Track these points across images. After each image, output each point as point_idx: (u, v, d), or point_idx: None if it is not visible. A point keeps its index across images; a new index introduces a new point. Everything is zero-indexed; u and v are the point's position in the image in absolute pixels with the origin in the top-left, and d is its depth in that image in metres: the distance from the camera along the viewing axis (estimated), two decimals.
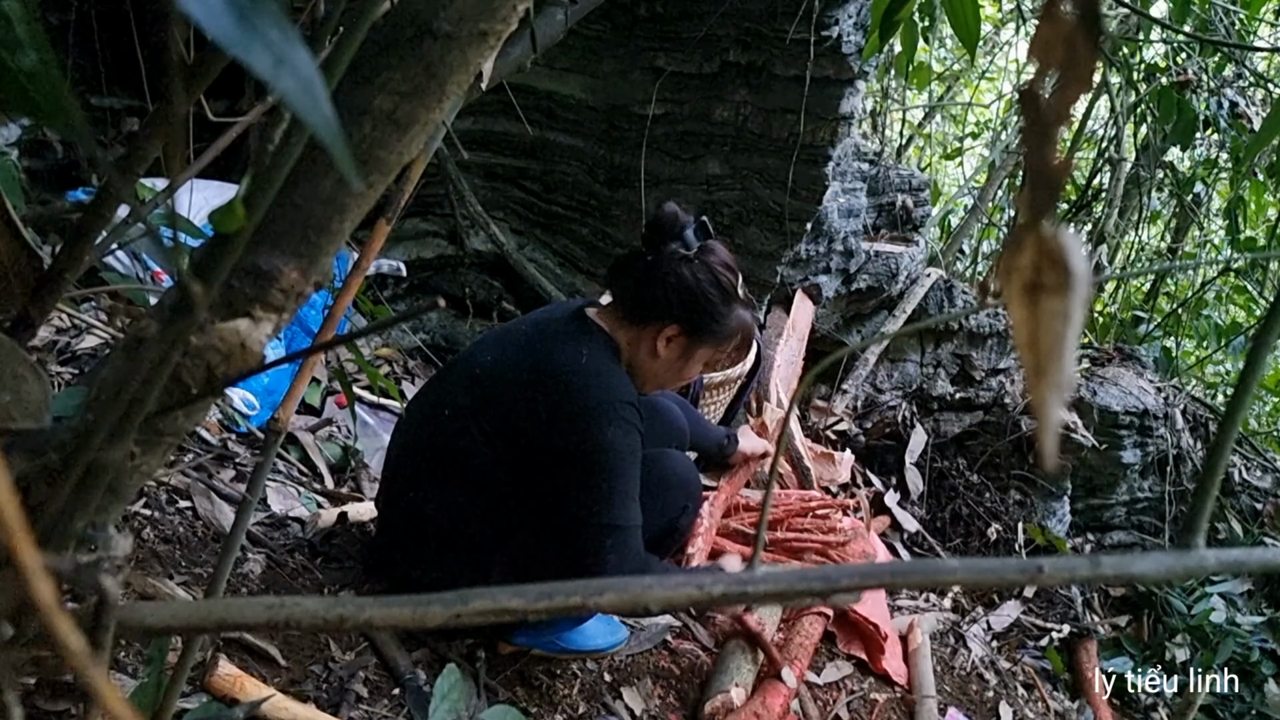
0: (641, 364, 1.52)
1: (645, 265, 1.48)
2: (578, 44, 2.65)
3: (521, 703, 1.57)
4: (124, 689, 1.13)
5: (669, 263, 1.46)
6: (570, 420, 1.40)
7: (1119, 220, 4.78)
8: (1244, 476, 3.55)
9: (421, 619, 0.45)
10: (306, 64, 0.31)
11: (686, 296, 1.46)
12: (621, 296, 1.52)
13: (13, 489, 0.25)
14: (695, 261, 1.47)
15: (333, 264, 0.56)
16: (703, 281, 1.46)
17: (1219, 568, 0.44)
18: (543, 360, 1.44)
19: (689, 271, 1.46)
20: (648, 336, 1.50)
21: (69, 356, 1.78)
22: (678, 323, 1.48)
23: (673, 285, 1.46)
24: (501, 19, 0.53)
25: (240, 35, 0.29)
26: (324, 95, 0.31)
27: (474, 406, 1.48)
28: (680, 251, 1.47)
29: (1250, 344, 0.45)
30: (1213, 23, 3.19)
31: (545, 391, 1.42)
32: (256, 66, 0.30)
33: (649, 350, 1.51)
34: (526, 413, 1.43)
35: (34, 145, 2.28)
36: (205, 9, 0.29)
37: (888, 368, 3.40)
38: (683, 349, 1.51)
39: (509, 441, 1.46)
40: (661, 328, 1.48)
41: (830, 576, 0.43)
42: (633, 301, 1.50)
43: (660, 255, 1.47)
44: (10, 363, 0.59)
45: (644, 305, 1.49)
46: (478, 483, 1.50)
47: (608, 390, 1.40)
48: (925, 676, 2.11)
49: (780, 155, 2.71)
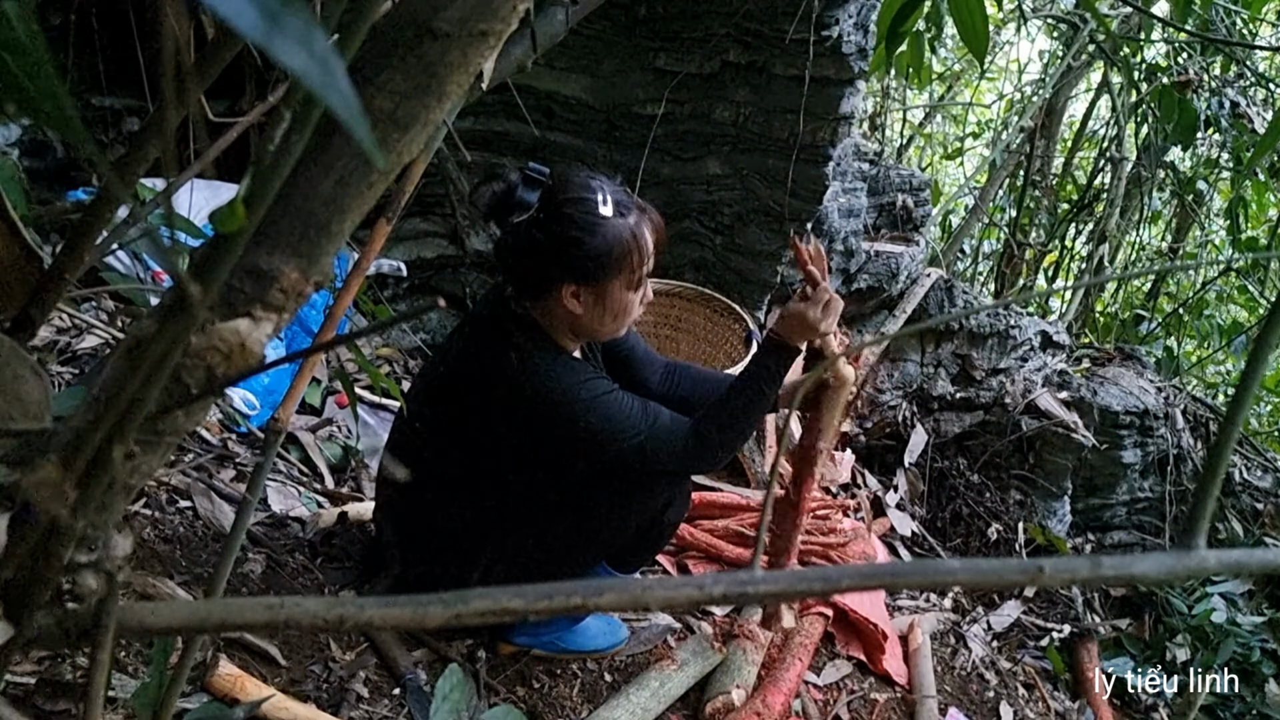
0: (572, 325, 1.45)
1: (506, 249, 1.40)
2: (578, 44, 2.65)
3: (522, 703, 1.57)
4: (124, 689, 1.14)
5: (520, 234, 1.37)
6: (542, 428, 1.42)
7: (1120, 220, 4.78)
8: (1245, 477, 3.55)
9: (421, 619, 0.45)
10: (322, 42, 0.31)
11: (555, 256, 1.36)
12: (512, 283, 1.45)
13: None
14: (542, 218, 1.36)
15: (333, 264, 0.56)
16: (556, 231, 1.35)
17: (1220, 568, 0.44)
18: (481, 371, 1.42)
19: (541, 232, 1.35)
20: (555, 304, 1.41)
21: (69, 356, 1.78)
22: (565, 281, 1.38)
23: (538, 253, 1.36)
24: (502, 19, 0.53)
25: (262, 23, 0.29)
26: (341, 71, 0.31)
27: (437, 418, 1.49)
28: (524, 219, 1.37)
29: (1252, 344, 0.45)
30: (1214, 22, 3.19)
31: (495, 405, 1.42)
32: (279, 52, 0.29)
33: (566, 314, 1.42)
34: (487, 419, 1.44)
35: (34, 145, 2.28)
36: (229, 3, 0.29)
37: (888, 367, 3.40)
38: (594, 295, 1.40)
39: (480, 449, 1.48)
40: (560, 291, 1.39)
41: (830, 577, 0.43)
42: (521, 283, 1.43)
43: (510, 233, 1.39)
44: (10, 363, 0.59)
45: (530, 282, 1.42)
46: (460, 477, 1.52)
47: (551, 391, 1.39)
48: (925, 676, 2.11)
49: (780, 155, 2.71)
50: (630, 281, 1.41)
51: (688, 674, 1.72)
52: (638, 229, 1.38)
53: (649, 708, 1.60)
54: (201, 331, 0.48)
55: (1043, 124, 4.80)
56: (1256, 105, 3.78)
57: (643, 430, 1.42)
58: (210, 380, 0.49)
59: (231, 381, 0.51)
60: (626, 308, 1.44)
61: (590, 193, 1.36)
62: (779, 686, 1.74)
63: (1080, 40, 4.03)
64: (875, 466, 3.15)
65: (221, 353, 0.49)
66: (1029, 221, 5.29)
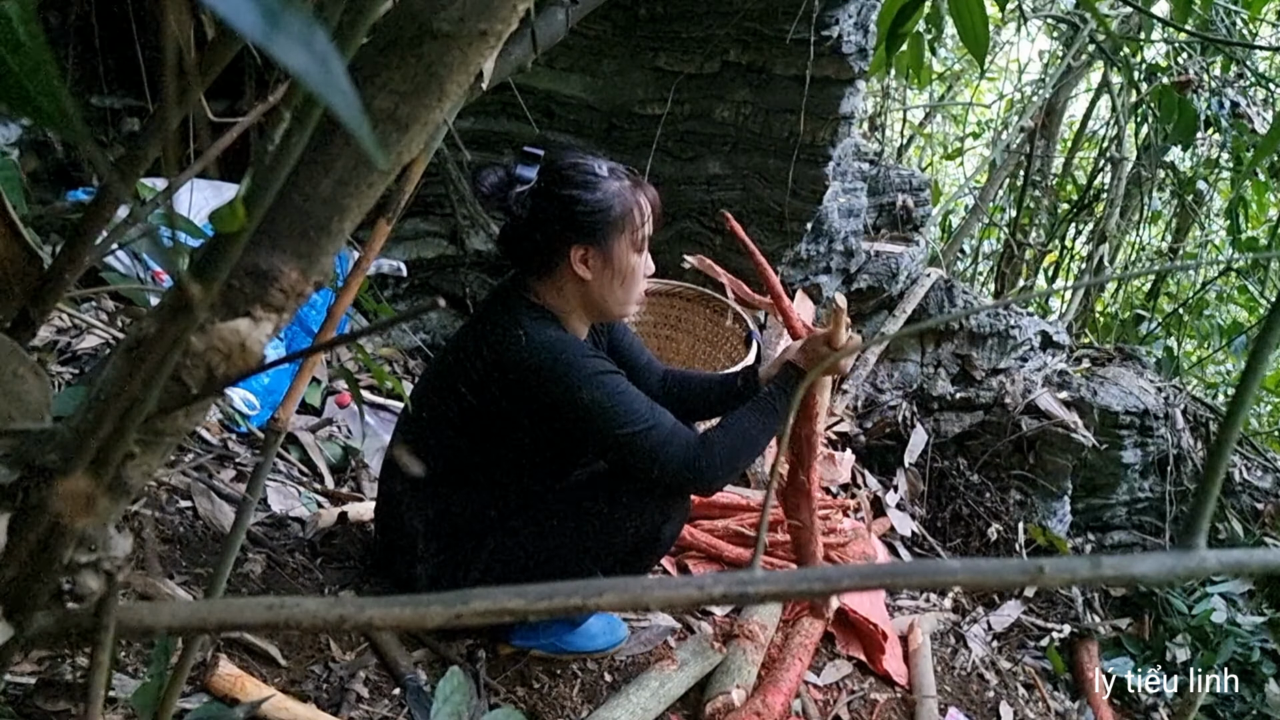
0: (584, 299, 1.48)
1: (511, 225, 1.46)
2: (578, 44, 2.65)
3: (522, 703, 1.57)
4: (124, 689, 1.14)
5: (523, 206, 1.42)
6: (541, 400, 1.41)
7: (1120, 220, 4.78)
8: (1245, 476, 3.55)
9: (422, 619, 0.44)
10: (323, 41, 0.31)
11: (559, 217, 1.41)
12: (520, 264, 1.49)
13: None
14: (542, 187, 1.42)
15: (333, 264, 0.56)
16: (559, 194, 1.41)
17: (1220, 568, 0.44)
18: (491, 352, 1.44)
19: (543, 199, 1.42)
20: (565, 275, 1.45)
21: (69, 356, 1.78)
22: (573, 243, 1.42)
23: (540, 220, 1.42)
24: (502, 19, 0.53)
25: (263, 24, 0.29)
26: (342, 71, 0.31)
27: (445, 408, 1.50)
28: (523, 189, 1.43)
29: (1252, 344, 0.45)
30: (1214, 22, 3.19)
31: (504, 386, 1.43)
32: (279, 52, 0.29)
33: (576, 283, 1.46)
34: (495, 402, 1.44)
35: (34, 145, 2.28)
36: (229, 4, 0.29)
37: (888, 367, 3.40)
38: (601, 256, 1.44)
39: (484, 428, 1.48)
40: (568, 258, 1.43)
41: (830, 577, 0.43)
42: (530, 260, 1.47)
43: (514, 206, 1.43)
44: (10, 363, 0.59)
45: (538, 255, 1.45)
46: (461, 476, 1.52)
47: (559, 361, 1.39)
48: (925, 677, 2.11)
49: (780, 155, 2.72)
50: (634, 242, 1.46)
51: (688, 674, 1.72)
52: (634, 191, 1.46)
53: (649, 708, 1.60)
54: (201, 331, 0.48)
55: (1043, 124, 4.80)
56: (1256, 105, 3.78)
57: (647, 422, 1.41)
58: (210, 380, 0.49)
59: (231, 381, 0.51)
60: (633, 271, 1.48)
61: (586, 160, 1.44)
62: (779, 686, 1.74)
63: (1080, 40, 4.04)
64: (875, 466, 3.15)
65: (221, 353, 0.49)
66: (1029, 221, 5.29)
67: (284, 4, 0.30)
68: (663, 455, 1.42)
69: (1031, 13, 4.22)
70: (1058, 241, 5.31)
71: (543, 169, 1.44)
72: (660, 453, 1.42)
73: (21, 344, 0.66)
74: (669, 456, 1.42)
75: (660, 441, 1.41)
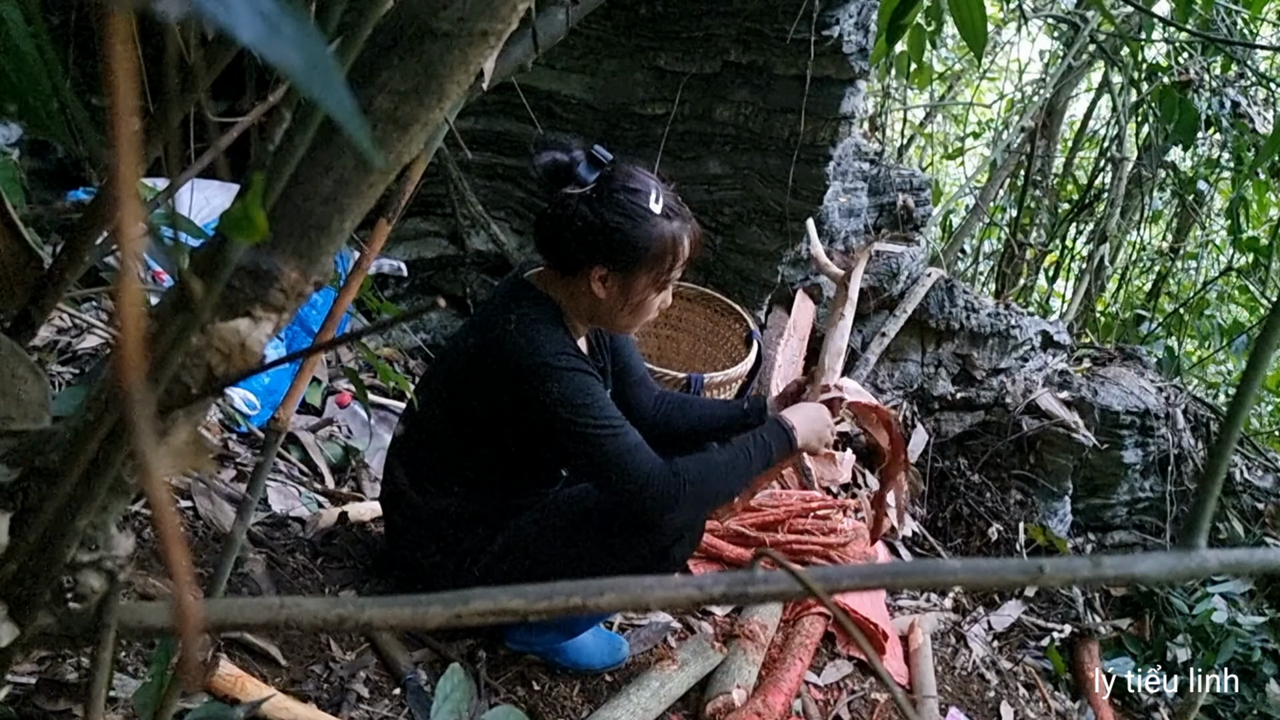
0: (591, 309, 1.48)
1: (549, 217, 1.44)
2: (579, 43, 2.65)
3: (522, 703, 1.57)
4: (125, 689, 1.14)
5: (568, 207, 1.40)
6: (513, 388, 1.40)
7: (1121, 220, 4.78)
8: (1245, 476, 3.55)
9: (422, 619, 0.45)
10: (318, 44, 0.31)
11: (596, 236, 1.39)
12: (544, 253, 1.48)
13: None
14: (594, 197, 1.40)
15: (333, 263, 0.56)
16: (606, 215, 1.39)
17: (1220, 568, 0.44)
18: (482, 334, 1.44)
19: (589, 210, 1.39)
20: (581, 284, 1.44)
21: (69, 356, 1.78)
22: (600, 263, 1.41)
23: (580, 229, 1.39)
24: (502, 19, 0.53)
25: (259, 27, 0.29)
26: (338, 75, 0.31)
27: (440, 392, 1.50)
28: (576, 192, 1.41)
29: (1252, 344, 0.45)
30: (1214, 22, 3.18)
31: (484, 366, 1.42)
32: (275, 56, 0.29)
33: (589, 296, 1.45)
34: (475, 389, 1.45)
35: (34, 145, 2.28)
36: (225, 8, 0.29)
37: (888, 367, 3.39)
38: (620, 284, 1.44)
39: (469, 420, 1.48)
40: (589, 272, 1.42)
41: (830, 577, 0.43)
42: (553, 256, 1.46)
43: (559, 202, 1.42)
44: (10, 363, 0.59)
45: (563, 256, 1.44)
46: (458, 471, 1.52)
47: (535, 351, 1.38)
48: (926, 676, 2.11)
49: (781, 155, 2.71)
50: (658, 281, 1.45)
51: (688, 674, 1.72)
52: (679, 233, 1.43)
53: (649, 708, 1.60)
54: (201, 331, 0.48)
55: (1043, 124, 4.80)
56: (1257, 105, 3.78)
57: (613, 426, 1.38)
58: (210, 380, 0.49)
59: (231, 381, 0.51)
60: (646, 305, 1.48)
61: (644, 187, 1.41)
62: (779, 686, 1.74)
63: (1080, 40, 4.03)
64: (876, 467, 3.14)
65: (221, 353, 0.49)
66: (1029, 221, 5.29)
67: (281, 8, 0.30)
68: (623, 464, 1.37)
69: (1032, 12, 4.22)
70: (1058, 241, 5.31)
71: (600, 179, 1.41)
72: (622, 461, 1.37)
73: (21, 344, 0.66)
74: (631, 466, 1.37)
75: (624, 449, 1.37)
